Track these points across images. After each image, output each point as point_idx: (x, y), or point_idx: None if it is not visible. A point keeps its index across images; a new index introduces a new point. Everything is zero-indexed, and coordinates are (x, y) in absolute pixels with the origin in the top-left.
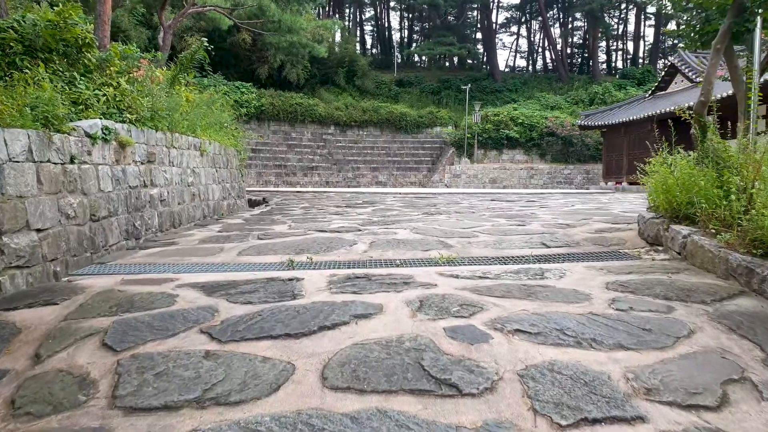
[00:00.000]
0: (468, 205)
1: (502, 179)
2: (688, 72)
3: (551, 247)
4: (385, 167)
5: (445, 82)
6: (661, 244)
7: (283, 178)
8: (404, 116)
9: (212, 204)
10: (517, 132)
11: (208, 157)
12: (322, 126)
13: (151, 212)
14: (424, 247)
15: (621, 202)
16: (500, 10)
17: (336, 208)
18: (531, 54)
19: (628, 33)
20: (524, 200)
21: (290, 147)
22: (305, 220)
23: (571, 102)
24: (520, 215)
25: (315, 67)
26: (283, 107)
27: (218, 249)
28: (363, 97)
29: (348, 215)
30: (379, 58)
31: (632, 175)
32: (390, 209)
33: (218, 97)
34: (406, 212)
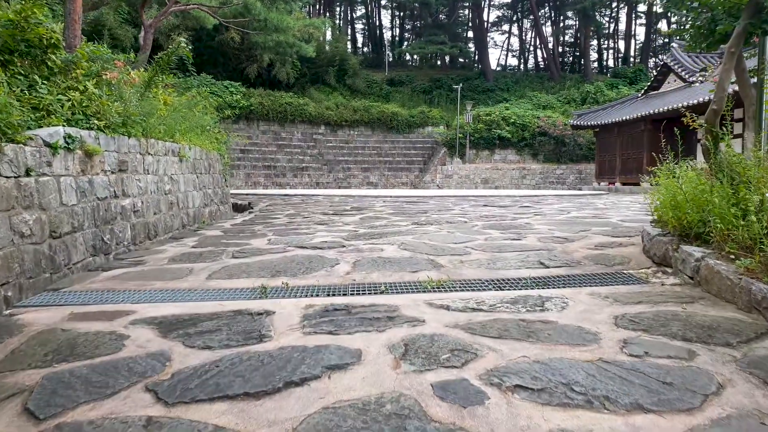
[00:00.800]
0: (460, 212)
1: (494, 179)
2: (681, 72)
3: (550, 267)
4: (377, 168)
5: (437, 82)
6: (669, 264)
7: (273, 179)
8: (395, 116)
9: (192, 212)
10: (509, 132)
11: (188, 162)
12: (313, 126)
13: (123, 224)
14: (413, 267)
15: (618, 207)
16: (491, 9)
17: (322, 216)
18: (522, 53)
19: (619, 32)
20: (518, 206)
21: (280, 147)
22: (287, 232)
23: (563, 101)
24: (514, 226)
25: (305, 66)
26: (272, 107)
27: (187, 271)
28: (354, 96)
29: (333, 225)
30: (370, 56)
31: (625, 175)
32: (378, 217)
33: (201, 99)
34: (395, 222)
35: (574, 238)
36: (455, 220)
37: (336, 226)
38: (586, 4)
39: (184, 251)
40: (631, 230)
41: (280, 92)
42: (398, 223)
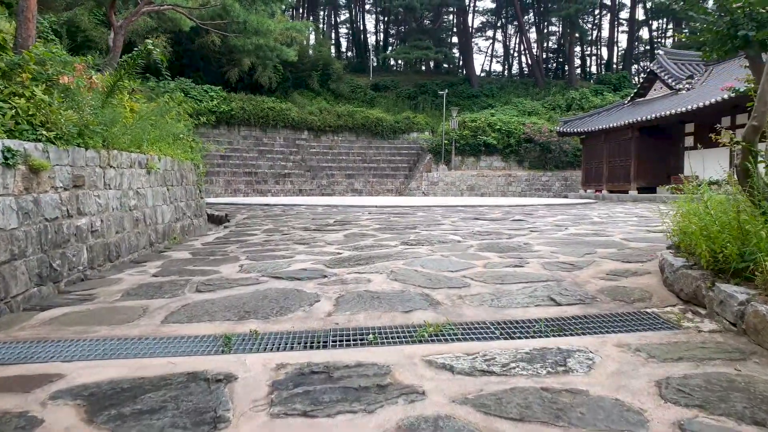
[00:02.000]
0: (451, 228)
1: (479, 187)
2: (668, 79)
3: (562, 304)
4: (361, 174)
5: (422, 87)
6: (700, 303)
7: (254, 186)
8: (380, 121)
9: (162, 228)
10: (494, 138)
11: (157, 174)
12: (296, 131)
13: (78, 247)
14: (405, 305)
15: (615, 221)
16: (476, 15)
17: (302, 233)
18: (507, 58)
19: (602, 39)
20: (510, 219)
21: (261, 153)
22: (263, 254)
23: (549, 107)
24: (512, 247)
25: (288, 70)
26: (254, 111)
27: (141, 310)
28: (338, 101)
29: (315, 245)
30: (354, 61)
31: (612, 183)
32: (364, 235)
33: (174, 105)
34: (383, 241)
35: (581, 264)
36: (447, 238)
37: (317, 247)
38: (571, 11)
39: (143, 281)
40: (640, 253)
41: (262, 97)
42: (386, 243)
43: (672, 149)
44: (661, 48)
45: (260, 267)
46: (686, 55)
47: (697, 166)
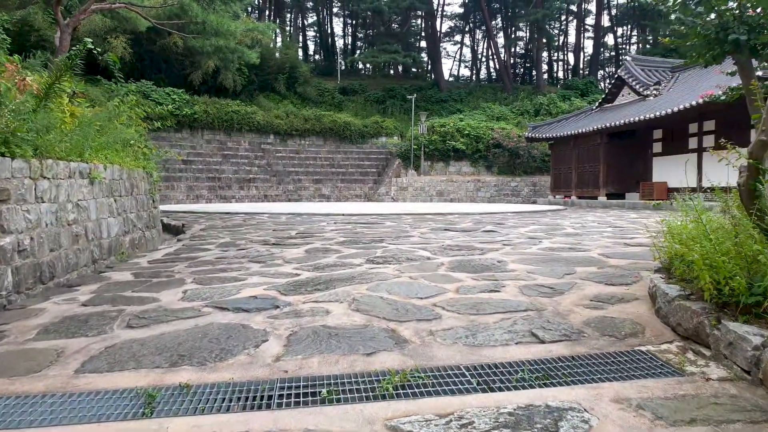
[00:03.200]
0: (420, 241)
1: (449, 192)
2: (636, 85)
3: (546, 341)
4: (329, 179)
5: (390, 91)
6: (702, 342)
7: (217, 192)
8: (348, 125)
9: (107, 243)
10: (463, 143)
11: (102, 184)
12: (261, 135)
13: (1, 270)
14: (367, 345)
15: (589, 232)
16: (444, 19)
17: (260, 248)
18: (475, 63)
19: (569, 44)
20: (481, 230)
21: (225, 158)
22: (211, 278)
23: (517, 113)
24: (486, 265)
25: (253, 73)
26: (218, 115)
27: (55, 354)
28: (305, 104)
29: (272, 264)
30: (322, 64)
31: (581, 188)
32: (327, 250)
33: (125, 108)
34: (347, 257)
35: (561, 288)
36: (416, 255)
37: (274, 266)
38: (539, 16)
39: (69, 312)
40: (623, 273)
41: (226, 100)
42: (350, 261)
43: (640, 155)
44: (629, 54)
45: (206, 293)
46: (653, 62)
47: (665, 173)
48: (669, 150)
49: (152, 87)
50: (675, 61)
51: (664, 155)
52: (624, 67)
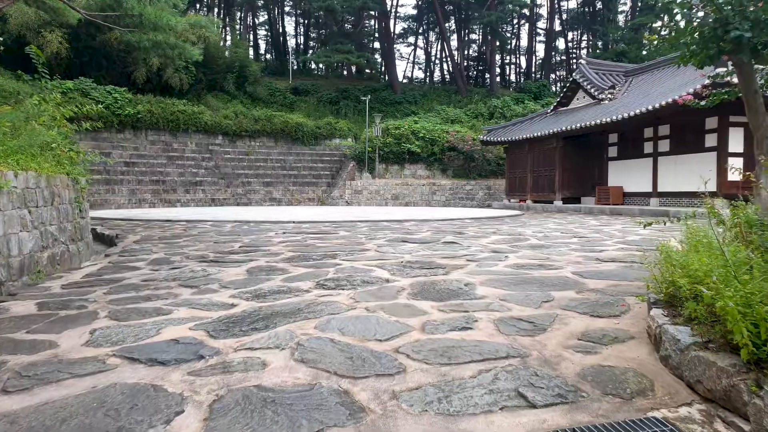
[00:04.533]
0: (377, 256)
1: (404, 195)
2: (591, 88)
3: (538, 405)
4: (280, 182)
5: (344, 92)
6: (736, 409)
7: (161, 196)
8: (301, 126)
9: (19, 261)
10: (418, 146)
11: (13, 194)
12: (209, 136)
13: None
14: (312, 418)
15: (554, 243)
16: (398, 20)
17: (196, 267)
18: (429, 65)
19: (521, 48)
20: (441, 240)
21: (171, 159)
22: (130, 310)
23: (471, 115)
24: (452, 290)
25: (201, 71)
26: (163, 115)
27: None
28: (255, 104)
29: (205, 289)
30: (273, 64)
31: (537, 192)
32: (272, 269)
33: (47, 107)
34: (293, 279)
35: (543, 322)
36: (373, 276)
37: (208, 291)
38: (492, 18)
39: None
40: (607, 300)
41: (172, 99)
42: (297, 285)
43: (596, 159)
44: (584, 57)
45: (118, 335)
46: (607, 65)
47: (621, 177)
48: (625, 154)
49: (92, 85)
50: (628, 65)
51: (620, 159)
52: (579, 70)
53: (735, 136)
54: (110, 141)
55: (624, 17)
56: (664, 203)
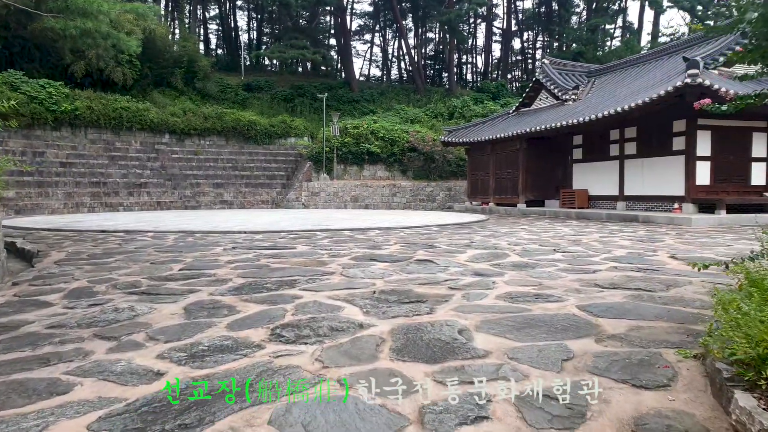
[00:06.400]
0: (343, 282)
1: (364, 197)
2: (554, 89)
3: None
4: (232, 183)
5: (299, 89)
6: None
7: (102, 199)
8: (253, 124)
9: None
10: (378, 147)
11: None
12: (155, 134)
13: None
14: None
15: (537, 261)
16: (354, 17)
17: (122, 302)
18: (386, 63)
19: (478, 47)
20: (413, 258)
21: (113, 160)
22: (11, 384)
23: (431, 115)
24: (443, 340)
25: (146, 66)
26: (104, 112)
27: None
28: (205, 101)
29: (125, 345)
30: (225, 59)
31: (500, 195)
32: (215, 307)
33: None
34: (242, 325)
35: (578, 403)
36: (342, 318)
37: (129, 349)
38: (451, 16)
39: None
40: (639, 353)
41: (114, 95)
42: (246, 335)
43: (561, 161)
44: (546, 57)
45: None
46: (570, 66)
47: (586, 180)
48: (590, 156)
49: (22, 78)
50: (590, 65)
51: (585, 162)
52: (542, 70)
53: (703, 140)
54: (44, 139)
55: (577, 18)
56: (631, 207)
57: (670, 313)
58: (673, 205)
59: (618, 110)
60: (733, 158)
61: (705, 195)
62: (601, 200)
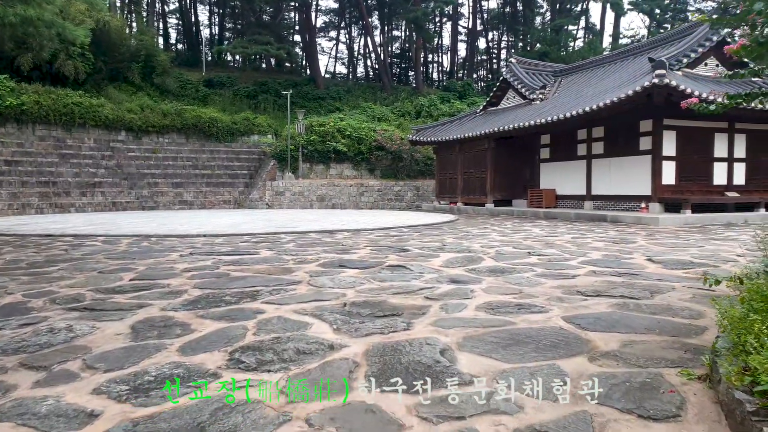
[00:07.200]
0: (311, 293)
1: (330, 197)
2: (522, 88)
3: None
4: (192, 183)
5: (263, 85)
6: None
7: (52, 200)
8: (215, 121)
9: None
10: (345, 145)
11: None
12: (110, 131)
13: None
14: None
15: (512, 264)
16: (319, 14)
17: (60, 320)
18: (352, 61)
19: (443, 46)
20: (385, 264)
21: (64, 158)
22: None
23: (398, 114)
24: (424, 363)
25: (100, 59)
26: (54, 107)
27: None
28: (164, 97)
29: (57, 379)
30: (185, 54)
31: (468, 195)
32: (167, 325)
33: None
34: (196, 348)
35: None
36: (310, 337)
37: (60, 381)
38: (418, 14)
39: None
40: (639, 374)
41: (66, 89)
42: (200, 362)
43: (528, 161)
44: (514, 56)
45: None
46: (537, 65)
47: (554, 179)
48: (557, 156)
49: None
50: (557, 65)
51: (553, 161)
52: (509, 69)
53: (669, 140)
54: None
55: (542, 19)
56: (599, 206)
57: (660, 324)
58: (640, 204)
59: (586, 110)
60: (697, 158)
61: (671, 194)
62: (569, 200)
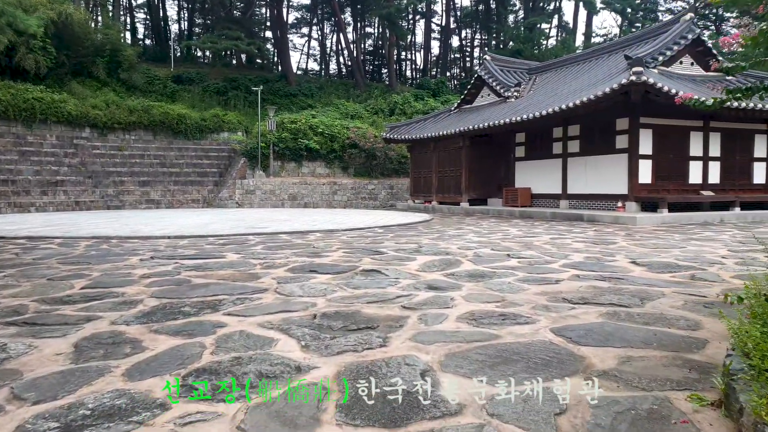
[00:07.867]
0: (277, 305)
1: (302, 195)
2: (496, 86)
3: None
4: (159, 181)
5: (233, 82)
6: None
7: (10, 199)
8: (183, 118)
9: None
10: (317, 143)
11: None
12: (74, 128)
13: None
14: None
15: (492, 268)
16: (291, 9)
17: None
18: (324, 58)
19: (417, 44)
20: (359, 268)
21: (24, 155)
22: None
23: (371, 111)
24: (404, 388)
25: (63, 53)
26: (13, 102)
27: None
28: (131, 93)
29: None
30: (153, 50)
31: (442, 194)
32: (116, 342)
33: None
34: (143, 371)
35: None
36: (274, 357)
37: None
38: (391, 11)
39: None
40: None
41: (26, 84)
42: (147, 392)
43: (503, 159)
44: (488, 54)
45: None
46: (512, 63)
47: (529, 178)
48: (533, 155)
49: None
50: (531, 63)
51: (528, 160)
52: (484, 66)
53: (645, 138)
54: None
55: (515, 17)
56: (575, 206)
57: (657, 337)
58: (617, 203)
59: (562, 108)
60: (673, 157)
61: (647, 193)
62: (545, 198)
